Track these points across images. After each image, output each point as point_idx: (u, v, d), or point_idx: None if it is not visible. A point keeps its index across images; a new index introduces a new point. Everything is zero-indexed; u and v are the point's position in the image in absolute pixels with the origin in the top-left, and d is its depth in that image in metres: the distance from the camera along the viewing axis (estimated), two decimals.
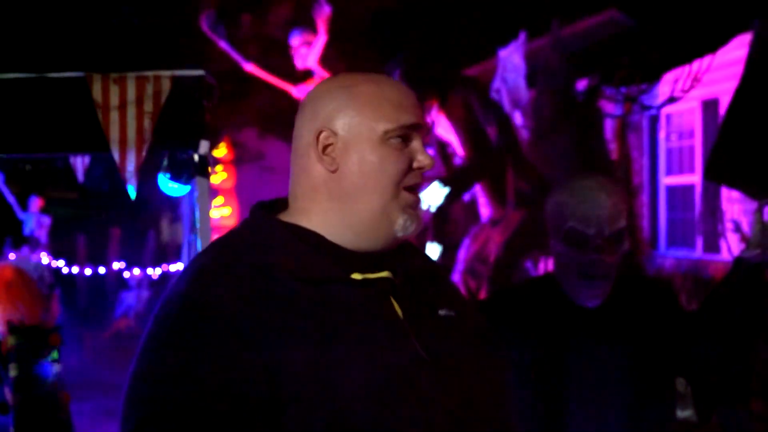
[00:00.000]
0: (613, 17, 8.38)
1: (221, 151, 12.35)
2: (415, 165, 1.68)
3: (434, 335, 1.66)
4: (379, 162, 1.65)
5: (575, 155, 7.37)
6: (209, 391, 1.50)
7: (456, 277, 7.53)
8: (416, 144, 1.69)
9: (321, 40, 8.52)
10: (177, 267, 11.36)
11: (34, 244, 13.66)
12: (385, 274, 1.67)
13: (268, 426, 1.51)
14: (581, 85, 7.78)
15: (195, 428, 1.50)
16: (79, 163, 5.07)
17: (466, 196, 8.05)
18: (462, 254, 7.72)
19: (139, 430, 1.53)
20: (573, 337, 2.54)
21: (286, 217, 1.71)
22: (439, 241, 7.70)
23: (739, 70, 4.99)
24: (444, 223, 7.94)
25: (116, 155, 3.88)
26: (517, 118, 8.14)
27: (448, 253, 7.80)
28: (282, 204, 1.76)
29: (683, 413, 2.60)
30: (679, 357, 2.56)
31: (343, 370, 1.54)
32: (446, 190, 7.03)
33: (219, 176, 12.47)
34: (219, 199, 12.49)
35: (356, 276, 1.63)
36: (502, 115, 7.57)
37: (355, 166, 1.66)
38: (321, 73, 8.56)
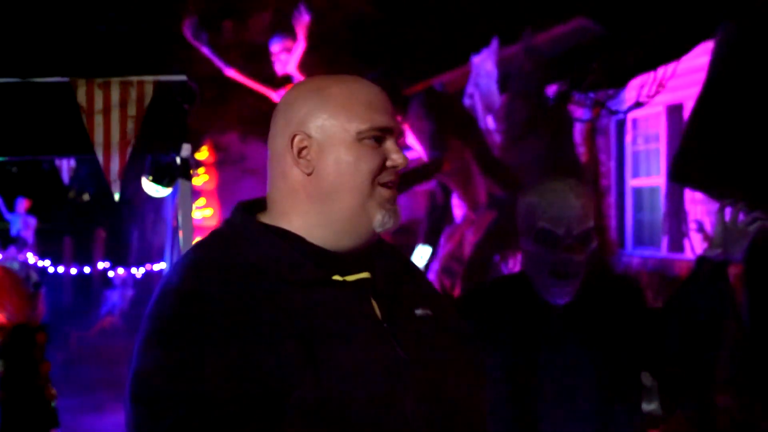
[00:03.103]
0: (582, 25, 8.43)
1: (203, 154, 12.28)
2: (388, 164, 1.67)
3: (411, 335, 1.65)
4: (354, 161, 1.64)
5: (546, 158, 7.40)
6: (215, 384, 1.48)
7: (431, 275, 7.53)
8: (389, 144, 1.68)
9: (300, 46, 8.50)
10: (160, 266, 11.31)
11: (21, 244, 13.58)
12: (364, 275, 1.66)
13: (267, 420, 1.50)
14: (552, 90, 7.80)
15: (203, 421, 1.48)
16: (65, 166, 5.03)
17: (440, 197, 8.09)
18: (437, 253, 7.74)
19: (150, 426, 1.51)
20: (544, 332, 2.55)
21: (267, 218, 1.70)
22: (430, 244, 7.73)
23: (702, 76, 5.02)
24: (438, 226, 7.97)
25: (101, 158, 3.87)
26: (490, 123, 8.16)
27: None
28: (262, 204, 1.74)
29: (649, 406, 2.60)
30: (646, 352, 2.57)
31: (328, 369, 1.53)
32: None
33: (201, 178, 12.39)
34: (201, 201, 12.42)
35: (337, 278, 1.63)
36: (466, 122, 7.61)
37: (331, 166, 1.64)
38: (300, 79, 8.54)
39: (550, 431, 2.50)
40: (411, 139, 7.26)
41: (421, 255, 7.56)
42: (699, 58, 6.13)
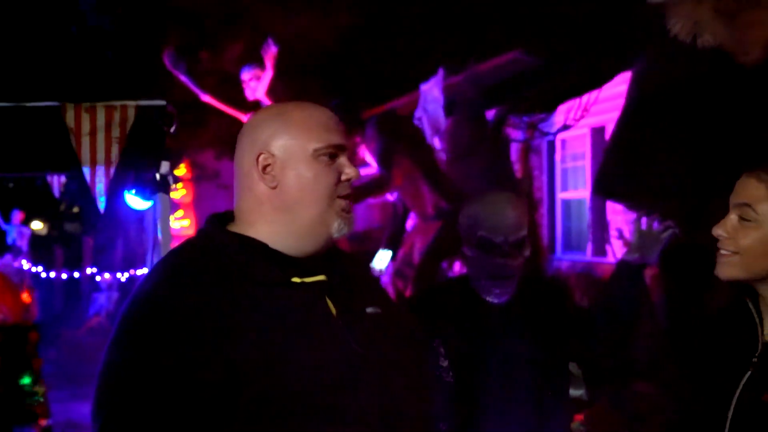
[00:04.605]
0: (517, 57, 8.48)
1: (182, 171, 12.18)
2: (343, 177, 1.69)
3: (363, 330, 1.66)
4: (313, 177, 1.66)
5: (486, 174, 7.44)
6: (172, 383, 1.48)
7: (386, 278, 7.56)
8: (342, 160, 1.70)
9: (268, 75, 8.48)
10: (143, 271, 11.19)
11: (16, 252, 13.37)
12: (320, 277, 1.66)
13: (225, 415, 1.49)
14: (491, 114, 7.85)
15: (159, 417, 1.47)
16: (56, 182, 4.97)
17: (400, 208, 8.14)
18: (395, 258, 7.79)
19: (109, 420, 1.50)
20: (485, 328, 2.56)
21: (235, 228, 1.70)
22: (391, 248, 7.78)
23: (621, 102, 5.08)
24: (398, 234, 8.01)
25: (88, 174, 3.84)
26: (437, 143, 8.20)
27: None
28: (231, 215, 1.74)
29: (576, 392, 2.62)
30: (574, 344, 2.59)
31: (288, 362, 1.53)
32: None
33: (179, 192, 12.29)
34: (179, 213, 12.31)
35: (296, 279, 1.63)
36: (416, 142, 7.67)
37: (293, 181, 1.65)
38: (268, 104, 8.52)
39: (491, 416, 2.51)
40: (368, 156, 7.28)
41: (381, 258, 7.59)
42: (618, 86, 6.20)
